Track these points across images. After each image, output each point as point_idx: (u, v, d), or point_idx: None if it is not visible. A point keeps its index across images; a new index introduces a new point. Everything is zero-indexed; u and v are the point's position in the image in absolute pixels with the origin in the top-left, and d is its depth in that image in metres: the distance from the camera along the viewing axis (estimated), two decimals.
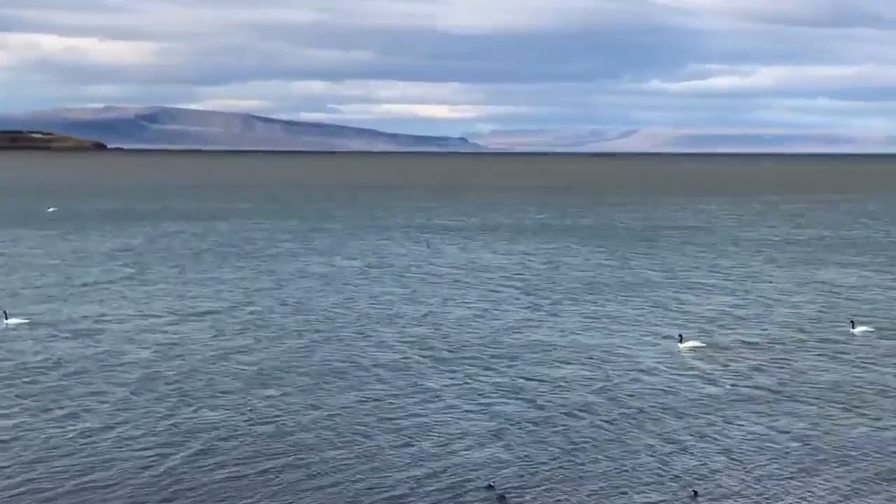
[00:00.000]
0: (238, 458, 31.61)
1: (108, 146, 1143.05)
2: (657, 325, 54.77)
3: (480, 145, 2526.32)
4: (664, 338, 50.94)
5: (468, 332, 52.44)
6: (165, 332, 52.18)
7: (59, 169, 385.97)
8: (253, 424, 35.32)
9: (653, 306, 61.25)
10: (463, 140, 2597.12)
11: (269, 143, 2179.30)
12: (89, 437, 33.76)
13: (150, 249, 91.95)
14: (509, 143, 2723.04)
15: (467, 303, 62.19)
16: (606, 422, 36.01)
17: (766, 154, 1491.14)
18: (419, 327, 53.88)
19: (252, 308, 59.61)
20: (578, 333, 52.38)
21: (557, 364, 45.15)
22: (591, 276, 75.07)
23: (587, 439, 33.87)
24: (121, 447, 32.63)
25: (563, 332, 52.79)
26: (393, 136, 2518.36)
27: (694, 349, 48.12)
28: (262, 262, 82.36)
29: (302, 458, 31.58)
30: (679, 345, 48.69)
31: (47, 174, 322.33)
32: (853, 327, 53.51)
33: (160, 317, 56.57)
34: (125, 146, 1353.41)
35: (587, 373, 43.49)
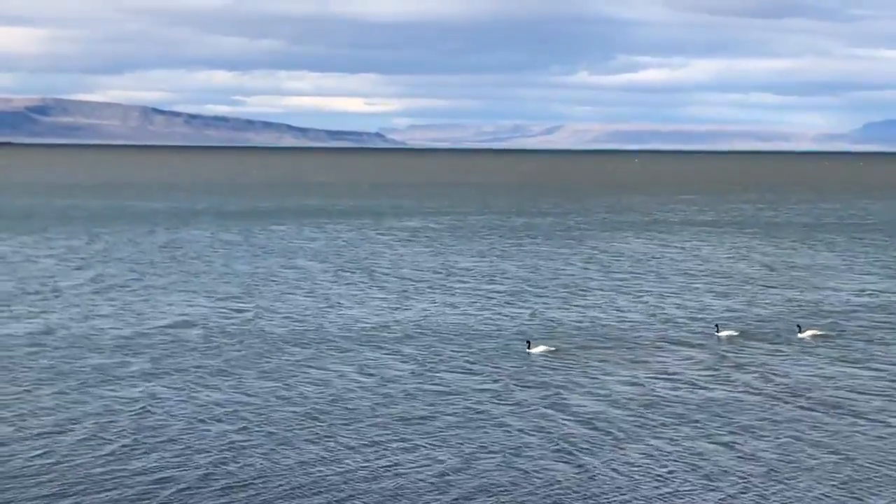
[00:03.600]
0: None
1: None
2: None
3: (397, 141, 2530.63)
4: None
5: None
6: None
7: None
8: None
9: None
10: (379, 135, 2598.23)
11: (171, 137, 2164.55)
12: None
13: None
14: (428, 138, 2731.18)
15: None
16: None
17: (697, 151, 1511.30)
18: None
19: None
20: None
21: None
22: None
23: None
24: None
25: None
26: (303, 131, 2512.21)
27: (545, 353, 51.08)
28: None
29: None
30: (528, 350, 51.55)
31: None
32: (718, 331, 56.89)
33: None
34: (13, 140, 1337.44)
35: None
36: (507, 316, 61.66)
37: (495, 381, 45.14)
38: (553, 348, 51.90)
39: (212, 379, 44.99)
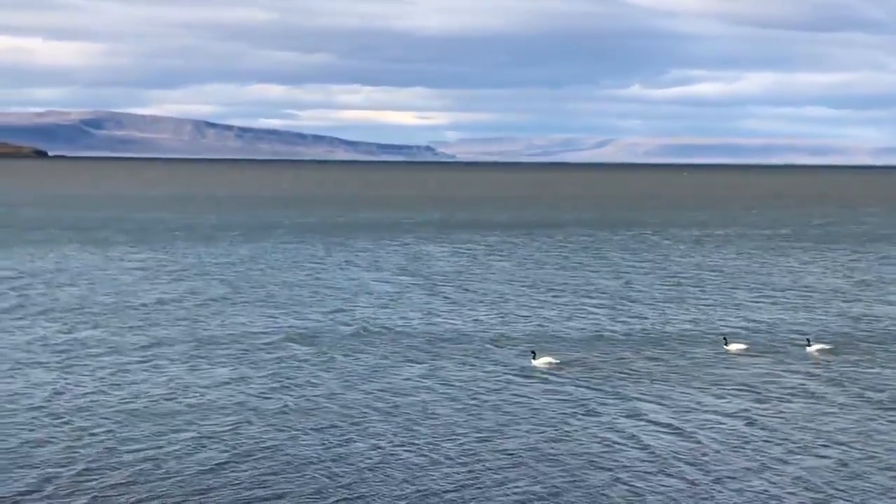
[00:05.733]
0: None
1: (50, 153, 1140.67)
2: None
3: (448, 154, 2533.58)
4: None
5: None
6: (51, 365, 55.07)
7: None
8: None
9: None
10: (429, 149, 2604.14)
11: (222, 150, 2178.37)
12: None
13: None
14: (478, 151, 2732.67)
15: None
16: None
17: (750, 165, 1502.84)
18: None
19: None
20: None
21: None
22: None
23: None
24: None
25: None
26: (354, 144, 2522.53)
27: (548, 364, 51.52)
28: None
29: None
30: (532, 361, 51.96)
31: None
32: (726, 343, 56.89)
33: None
34: (68, 153, 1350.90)
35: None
36: (629, 323, 62.10)
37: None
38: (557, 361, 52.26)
39: (338, 388, 45.70)
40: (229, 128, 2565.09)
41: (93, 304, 69.46)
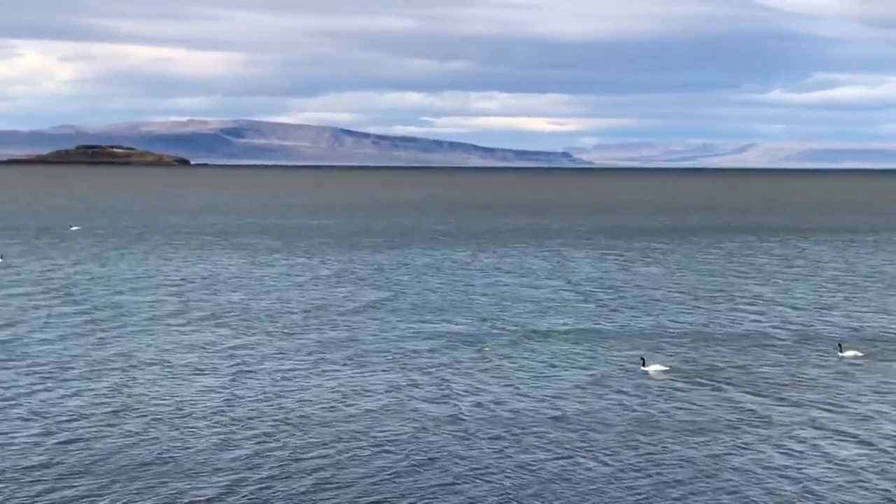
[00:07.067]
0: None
1: (192, 162, 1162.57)
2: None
3: (584, 160, 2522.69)
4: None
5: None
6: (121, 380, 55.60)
7: (145, 185, 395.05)
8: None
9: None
10: (565, 154, 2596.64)
11: (359, 157, 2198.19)
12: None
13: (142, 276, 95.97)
14: (615, 157, 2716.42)
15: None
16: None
17: (893, 170, 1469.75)
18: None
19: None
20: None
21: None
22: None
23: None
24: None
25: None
26: (490, 151, 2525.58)
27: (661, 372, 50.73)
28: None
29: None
30: (642, 367, 51.26)
31: (134, 191, 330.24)
32: (841, 350, 55.39)
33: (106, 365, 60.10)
34: (209, 161, 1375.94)
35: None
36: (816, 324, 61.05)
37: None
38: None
39: (506, 395, 45.60)
40: (366, 135, 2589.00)
41: (253, 310, 70.37)
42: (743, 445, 38.39)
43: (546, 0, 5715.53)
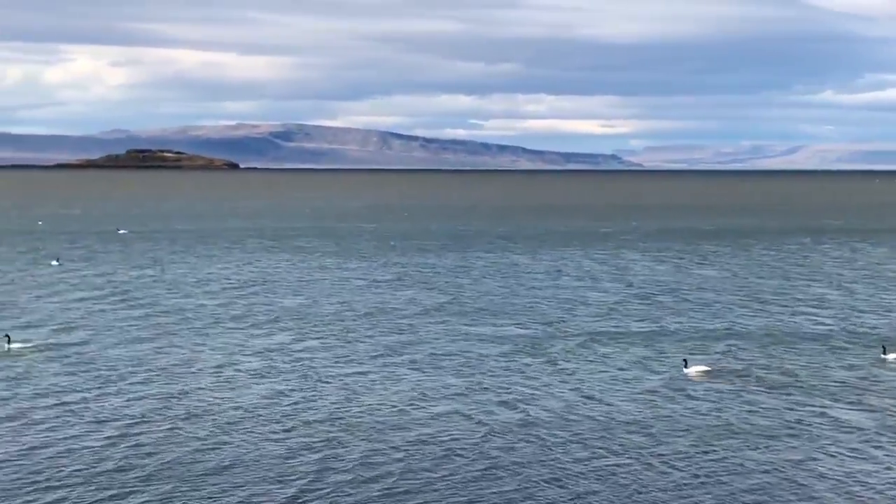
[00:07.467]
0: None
1: (241, 165, 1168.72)
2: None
3: (633, 163, 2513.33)
4: None
5: None
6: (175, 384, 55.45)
7: (197, 189, 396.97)
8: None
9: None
10: (615, 157, 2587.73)
11: (407, 161, 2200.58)
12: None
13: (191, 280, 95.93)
14: (664, 160, 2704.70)
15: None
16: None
17: None
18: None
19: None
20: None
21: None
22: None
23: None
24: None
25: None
26: (539, 153, 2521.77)
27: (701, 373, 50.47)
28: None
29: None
30: (684, 370, 50.95)
31: (186, 194, 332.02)
32: (885, 353, 54.66)
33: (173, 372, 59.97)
34: (259, 165, 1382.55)
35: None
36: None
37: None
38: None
39: (576, 399, 45.24)
40: (415, 138, 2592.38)
41: (315, 314, 70.27)
42: (818, 452, 37.80)
43: (593, 2, 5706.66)
